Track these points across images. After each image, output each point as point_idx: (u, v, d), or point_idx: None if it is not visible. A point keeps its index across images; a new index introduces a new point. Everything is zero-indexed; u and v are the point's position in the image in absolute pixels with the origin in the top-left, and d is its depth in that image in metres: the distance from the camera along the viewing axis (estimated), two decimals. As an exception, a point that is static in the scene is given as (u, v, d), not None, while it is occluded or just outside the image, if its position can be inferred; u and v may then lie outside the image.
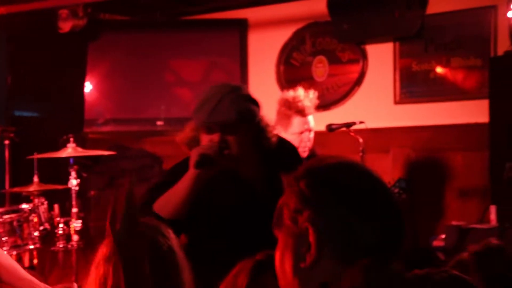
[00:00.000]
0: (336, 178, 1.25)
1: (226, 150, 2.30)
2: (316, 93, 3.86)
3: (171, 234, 1.72)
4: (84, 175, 4.85)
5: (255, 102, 2.43)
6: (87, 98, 5.87)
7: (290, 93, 3.82)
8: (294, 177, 1.29)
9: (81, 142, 4.99)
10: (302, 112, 3.75)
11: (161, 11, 6.09)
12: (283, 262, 1.28)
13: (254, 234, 2.39)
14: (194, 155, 2.29)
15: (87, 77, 5.88)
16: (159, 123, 5.98)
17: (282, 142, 2.56)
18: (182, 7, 6.02)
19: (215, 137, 2.32)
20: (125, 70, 6.02)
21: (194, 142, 2.44)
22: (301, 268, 1.24)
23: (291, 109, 3.76)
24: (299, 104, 3.73)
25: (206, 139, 2.35)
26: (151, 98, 6.03)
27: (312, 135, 3.86)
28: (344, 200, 1.23)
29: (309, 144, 3.83)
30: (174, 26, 6.19)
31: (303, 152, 3.69)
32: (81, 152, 4.43)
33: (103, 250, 1.65)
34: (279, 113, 3.83)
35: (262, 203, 2.40)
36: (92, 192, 5.67)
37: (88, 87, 5.90)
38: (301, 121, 3.77)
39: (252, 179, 2.44)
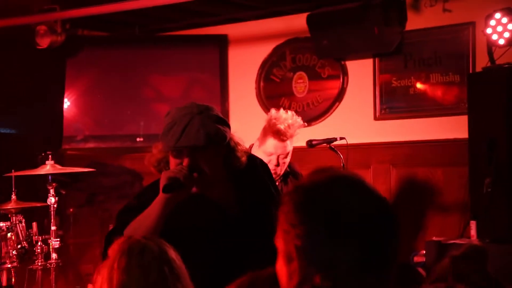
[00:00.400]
0: (321, 197, 1.25)
1: (195, 173, 2.27)
2: (300, 122, 3.78)
3: (166, 244, 1.83)
4: (63, 192, 4.80)
5: (224, 123, 2.38)
6: (66, 114, 5.82)
7: (275, 112, 3.77)
8: (287, 194, 1.29)
9: (60, 159, 4.95)
10: (278, 135, 3.69)
11: (140, 27, 6.08)
12: (280, 276, 1.30)
13: (225, 255, 2.37)
14: (163, 179, 2.26)
15: (66, 94, 5.83)
16: (138, 139, 5.95)
17: (252, 159, 2.53)
18: (161, 23, 6.01)
19: (185, 161, 2.28)
20: (104, 86, 5.99)
21: (162, 163, 2.41)
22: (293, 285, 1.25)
23: (270, 128, 3.73)
24: (277, 126, 3.69)
25: (175, 163, 2.31)
26: (130, 115, 6.00)
27: (287, 159, 3.80)
28: (326, 220, 1.22)
29: (279, 170, 3.75)
30: (153, 42, 6.18)
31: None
32: (60, 169, 4.39)
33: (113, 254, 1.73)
34: (264, 127, 3.80)
35: (233, 225, 2.38)
36: (71, 210, 5.61)
37: (66, 103, 5.86)
38: (275, 144, 3.71)
39: (222, 201, 2.40)
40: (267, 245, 2.49)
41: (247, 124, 5.90)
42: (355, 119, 5.32)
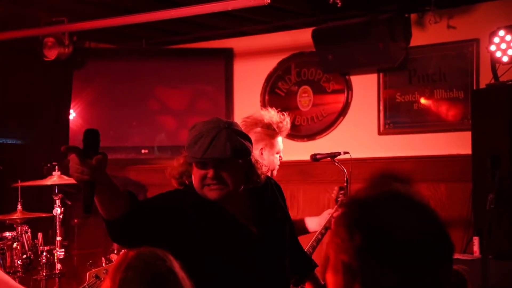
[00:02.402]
0: (375, 216, 1.22)
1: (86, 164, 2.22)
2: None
3: (169, 257, 1.83)
4: (69, 203, 4.83)
5: (248, 138, 2.45)
6: (72, 125, 5.86)
7: (266, 113, 3.70)
8: (344, 205, 1.28)
9: (66, 170, 4.97)
10: (280, 130, 3.67)
11: (146, 39, 6.12)
12: (328, 285, 1.29)
13: (240, 269, 2.40)
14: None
15: (72, 105, 5.87)
16: (144, 151, 5.98)
17: (267, 179, 2.59)
18: (167, 36, 6.06)
19: (210, 172, 2.35)
20: (110, 98, 6.02)
21: (185, 176, 2.46)
22: None
23: (274, 128, 3.66)
24: (278, 122, 3.63)
25: (199, 174, 2.38)
26: (136, 126, 6.03)
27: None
28: (376, 242, 1.20)
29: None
30: (159, 54, 6.22)
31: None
32: (66, 180, 4.42)
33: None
34: (261, 134, 3.72)
35: (250, 240, 2.42)
36: (76, 220, 5.64)
37: (72, 114, 5.89)
38: (279, 140, 3.69)
39: (242, 215, 2.45)
40: (286, 264, 2.55)
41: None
42: (359, 133, 5.35)
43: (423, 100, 5.18)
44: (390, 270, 1.19)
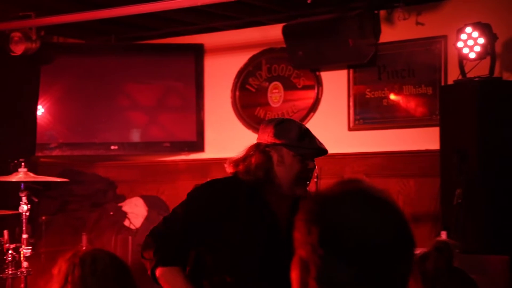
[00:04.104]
0: (332, 212, 1.21)
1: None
2: None
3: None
4: (35, 200, 4.76)
5: None
6: (40, 121, 5.78)
7: None
8: (307, 200, 1.27)
9: (33, 167, 4.90)
10: None
11: (115, 35, 6.06)
12: (291, 279, 1.29)
13: (268, 272, 2.44)
14: None
15: (40, 101, 5.79)
16: (113, 147, 5.92)
17: None
18: (137, 32, 6.01)
19: (311, 164, 2.53)
20: (79, 93, 5.95)
21: (266, 171, 2.49)
22: None
23: None
24: None
25: (297, 168, 2.49)
26: (105, 122, 5.97)
27: None
28: (330, 237, 1.20)
29: None
30: (129, 50, 6.17)
31: None
32: (33, 177, 4.35)
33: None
34: None
35: (282, 244, 2.42)
36: (43, 218, 5.56)
37: (40, 110, 5.81)
38: None
39: (282, 221, 2.50)
40: None
41: (223, 133, 5.93)
42: (329, 129, 5.36)
43: (392, 96, 5.21)
44: (345, 266, 1.18)
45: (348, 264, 1.18)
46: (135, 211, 5.57)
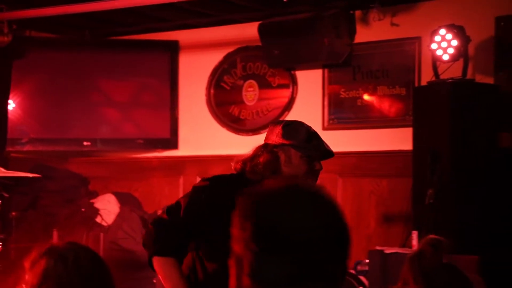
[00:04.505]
0: (264, 207, 1.23)
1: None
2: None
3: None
4: (6, 195, 4.69)
5: None
6: (11, 116, 5.70)
7: None
8: (242, 196, 1.28)
9: (4, 162, 4.84)
10: None
11: (89, 30, 6.00)
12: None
13: None
14: None
15: (11, 95, 5.71)
16: (85, 143, 5.87)
17: None
18: (112, 27, 5.96)
19: (317, 165, 2.61)
20: (51, 88, 5.89)
21: (272, 171, 2.51)
22: None
23: None
24: None
25: (304, 169, 2.56)
26: (77, 118, 5.91)
27: None
28: (261, 232, 1.21)
29: None
30: (103, 45, 6.12)
31: None
32: (3, 172, 4.30)
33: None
34: None
35: None
36: (14, 213, 5.49)
37: (11, 105, 5.74)
38: None
39: None
40: None
41: (197, 130, 5.91)
42: (304, 128, 5.37)
43: (366, 96, 5.24)
44: (277, 262, 1.19)
45: (280, 260, 1.19)
46: (107, 208, 5.53)
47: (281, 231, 1.20)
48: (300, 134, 2.58)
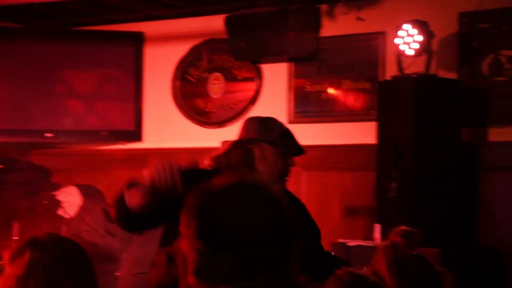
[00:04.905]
0: (207, 205, 1.23)
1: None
2: None
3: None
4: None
5: None
6: (-28, 106, 5.60)
7: None
8: (190, 195, 1.28)
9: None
10: None
11: (54, 20, 5.92)
12: None
13: None
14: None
15: (-28, 85, 5.61)
16: (48, 135, 5.79)
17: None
18: (76, 18, 5.88)
19: (292, 161, 2.63)
20: (14, 79, 5.79)
21: (243, 166, 2.52)
22: None
23: None
24: None
25: (280, 165, 2.60)
26: (40, 109, 5.83)
27: None
28: (204, 229, 1.22)
29: None
30: (67, 36, 6.03)
31: None
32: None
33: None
34: None
35: None
36: (-27, 206, 5.40)
37: (-28, 95, 5.63)
38: None
39: None
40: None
41: (162, 123, 5.87)
42: (269, 121, 5.38)
43: (331, 90, 5.27)
44: (221, 259, 1.20)
45: (224, 257, 1.20)
46: (70, 200, 5.46)
47: (223, 229, 1.20)
48: (275, 131, 2.62)
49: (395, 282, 1.95)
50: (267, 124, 2.64)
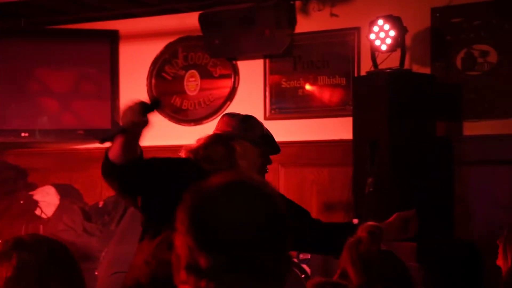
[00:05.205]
0: (201, 204, 1.25)
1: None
2: None
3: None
4: None
5: None
6: None
7: None
8: (187, 192, 1.29)
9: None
10: None
11: (26, 18, 5.86)
12: None
13: None
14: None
15: None
16: (23, 134, 5.75)
17: None
18: (49, 16, 5.83)
19: (269, 160, 2.75)
20: (-13, 78, 5.73)
21: (226, 162, 2.60)
22: None
23: None
24: None
25: (259, 162, 2.71)
26: (15, 108, 5.78)
27: None
28: (197, 228, 1.24)
29: None
30: (41, 34, 5.98)
31: None
32: None
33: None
34: None
35: None
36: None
37: None
38: None
39: None
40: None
41: (138, 121, 5.85)
42: (246, 118, 5.39)
43: (307, 86, 5.30)
44: (212, 256, 1.21)
45: (215, 254, 1.21)
46: (47, 200, 5.44)
47: (214, 226, 1.22)
48: (257, 130, 2.72)
49: (361, 279, 1.96)
50: (250, 123, 2.73)
